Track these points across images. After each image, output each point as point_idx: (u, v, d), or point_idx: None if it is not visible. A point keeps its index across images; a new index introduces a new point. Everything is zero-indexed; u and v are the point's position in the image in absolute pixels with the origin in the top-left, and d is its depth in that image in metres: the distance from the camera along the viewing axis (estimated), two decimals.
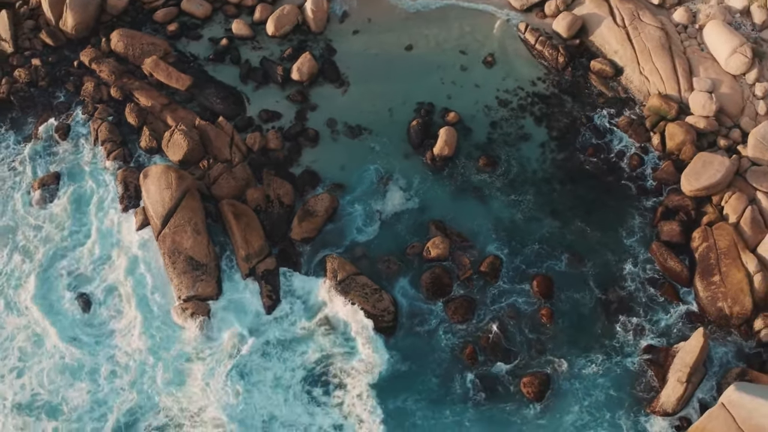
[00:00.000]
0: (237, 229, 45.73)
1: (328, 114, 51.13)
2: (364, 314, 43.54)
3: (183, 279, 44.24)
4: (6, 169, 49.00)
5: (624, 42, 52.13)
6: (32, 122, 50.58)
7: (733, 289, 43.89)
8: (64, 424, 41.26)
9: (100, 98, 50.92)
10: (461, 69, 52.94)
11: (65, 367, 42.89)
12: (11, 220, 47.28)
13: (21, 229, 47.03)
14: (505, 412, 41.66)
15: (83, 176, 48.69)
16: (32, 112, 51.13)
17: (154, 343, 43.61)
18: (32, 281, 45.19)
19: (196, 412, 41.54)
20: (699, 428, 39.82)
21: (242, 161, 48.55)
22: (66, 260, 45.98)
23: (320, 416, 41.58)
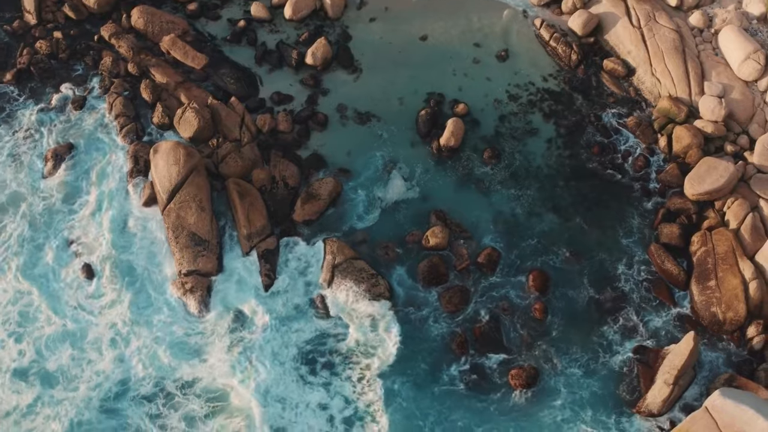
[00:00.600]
0: (240, 208, 46.14)
1: (338, 99, 51.28)
2: (357, 298, 44.03)
3: (185, 253, 44.81)
4: (21, 138, 49.72)
5: (638, 43, 51.69)
6: (50, 93, 51.23)
7: (728, 295, 43.51)
8: (59, 391, 41.94)
9: (117, 73, 51.56)
10: (474, 61, 52.81)
11: (65, 335, 43.57)
12: (22, 188, 47.91)
13: (31, 197, 47.67)
14: (490, 402, 41.68)
15: (95, 148, 49.32)
16: (51, 83, 51.77)
17: (152, 316, 44.11)
18: (38, 249, 45.86)
19: (187, 384, 42.04)
20: (682, 431, 39.49)
21: (251, 141, 48.95)
22: (72, 230, 46.66)
23: (309, 393, 41.85)
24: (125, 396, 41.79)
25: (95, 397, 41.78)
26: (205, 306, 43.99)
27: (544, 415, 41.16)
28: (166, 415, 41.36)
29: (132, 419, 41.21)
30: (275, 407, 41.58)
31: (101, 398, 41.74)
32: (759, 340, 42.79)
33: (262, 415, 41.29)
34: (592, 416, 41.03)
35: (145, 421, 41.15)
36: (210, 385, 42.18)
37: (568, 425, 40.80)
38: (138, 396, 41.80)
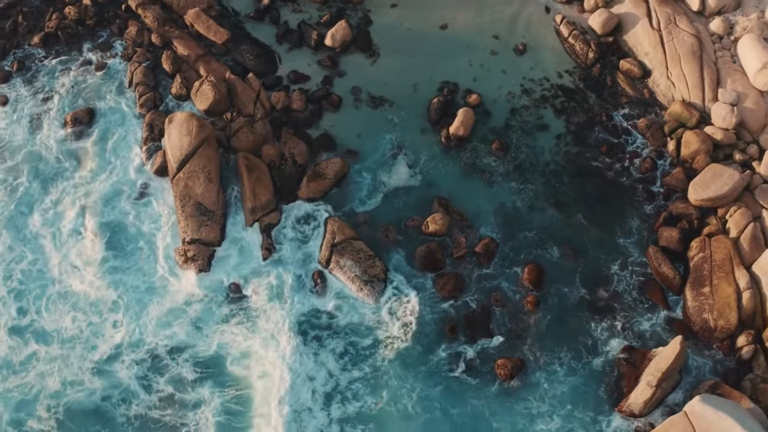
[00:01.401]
0: (247, 182, 46.57)
1: (354, 82, 51.36)
2: (351, 278, 44.41)
3: (189, 222, 45.36)
4: (42, 99, 50.59)
5: (656, 45, 50.95)
6: (74, 58, 52.00)
7: (721, 303, 42.90)
8: (54, 349, 42.89)
9: (141, 42, 52.19)
10: (491, 53, 52.48)
11: (66, 295, 44.46)
12: (38, 149, 48.85)
13: (45, 158, 48.61)
14: (472, 387, 41.72)
15: (114, 115, 50.01)
16: (76, 48, 52.54)
17: (154, 282, 44.88)
18: (49, 209, 46.82)
19: (178, 350, 42.82)
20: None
21: (264, 118, 49.26)
22: (83, 194, 47.39)
23: (298, 365, 42.18)
24: (118, 359, 42.58)
25: (89, 358, 42.60)
26: (205, 274, 44.63)
27: (520, 406, 41.12)
28: (156, 379, 42.04)
29: (122, 381, 41.95)
30: (265, 377, 42.16)
31: (95, 360, 42.55)
32: (748, 350, 42.19)
33: (253, 383, 42.10)
34: (570, 412, 40.83)
35: (134, 384, 41.87)
36: (203, 352, 42.74)
37: (542, 418, 40.64)
38: (130, 359, 42.54)
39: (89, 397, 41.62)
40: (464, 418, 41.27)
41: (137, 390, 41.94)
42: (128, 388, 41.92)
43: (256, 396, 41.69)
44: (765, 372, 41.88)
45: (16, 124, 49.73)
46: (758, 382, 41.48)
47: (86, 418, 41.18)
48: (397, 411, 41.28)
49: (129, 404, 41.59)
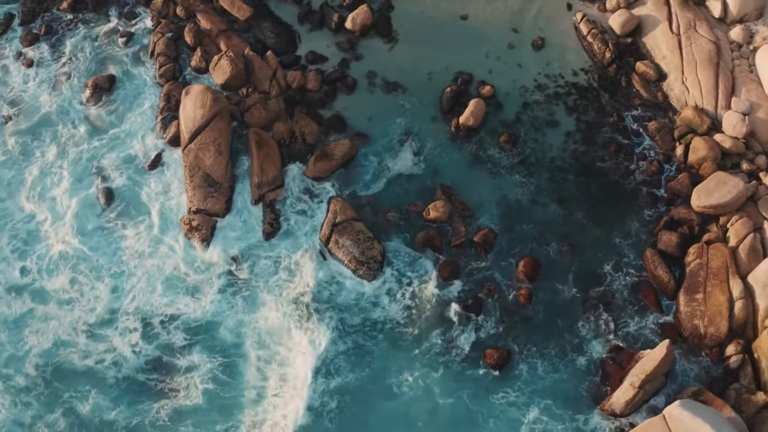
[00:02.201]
0: (256, 157, 46.97)
1: (370, 66, 51.33)
2: (349, 258, 44.69)
3: (196, 192, 45.95)
4: (65, 63, 51.47)
5: (674, 49, 50.12)
6: (101, 25, 52.82)
7: (713, 311, 42.38)
8: (51, 309, 43.87)
9: (166, 14, 52.69)
10: (509, 46, 52.02)
11: (69, 257, 45.35)
12: (58, 112, 49.74)
13: (64, 122, 49.52)
14: (458, 373, 41.99)
15: (134, 83, 50.85)
16: (103, 15, 53.26)
17: (157, 249, 45.62)
18: (61, 172, 47.76)
19: (175, 318, 43.57)
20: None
21: (278, 95, 49.56)
22: (98, 158, 48.25)
23: (289, 338, 42.87)
24: (113, 323, 43.44)
25: (85, 320, 43.52)
26: (207, 245, 45.23)
27: (500, 395, 41.31)
28: (149, 345, 42.84)
29: (115, 345, 42.84)
30: (257, 345, 42.82)
31: (90, 323, 43.48)
32: (736, 359, 41.66)
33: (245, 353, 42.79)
34: (549, 405, 40.97)
35: (127, 349, 42.71)
36: (200, 320, 43.50)
37: (519, 408, 40.83)
38: (126, 325, 43.37)
39: (82, 359, 42.50)
40: (444, 398, 41.54)
41: (129, 355, 42.74)
42: (121, 353, 42.74)
43: (249, 365, 42.28)
44: (751, 382, 41.40)
45: (39, 86, 50.71)
46: (743, 392, 41.01)
47: (76, 379, 42.09)
48: (379, 388, 41.74)
49: (120, 368, 42.41)
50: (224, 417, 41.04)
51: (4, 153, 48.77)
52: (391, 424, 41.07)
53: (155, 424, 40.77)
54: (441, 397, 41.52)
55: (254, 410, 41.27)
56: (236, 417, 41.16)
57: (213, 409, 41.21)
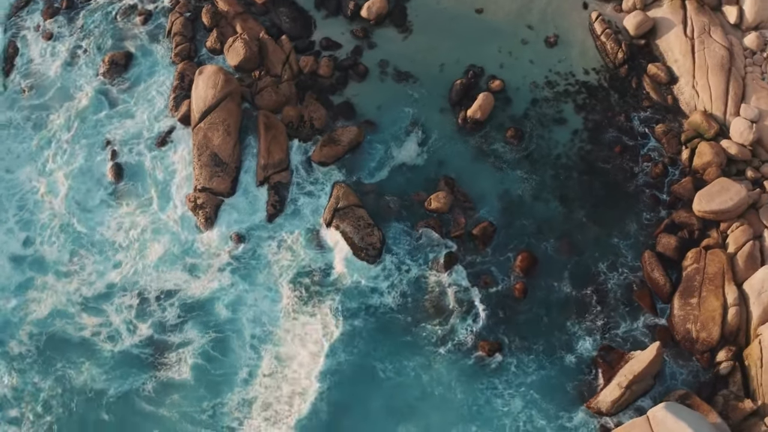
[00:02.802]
0: (264, 139, 47.22)
1: (383, 55, 51.25)
2: (348, 243, 44.88)
3: (203, 171, 46.29)
4: (83, 38, 51.90)
5: (686, 53, 49.44)
6: (121, 1, 53.00)
7: (706, 316, 41.99)
8: (50, 279, 44.56)
9: None
10: (522, 42, 51.59)
11: (74, 230, 46.02)
12: (72, 85, 50.50)
13: (78, 95, 50.13)
14: (448, 361, 42.20)
15: (149, 60, 51.36)
16: None
17: (161, 225, 46.11)
18: (74, 145, 48.27)
19: (172, 293, 44.05)
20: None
21: (290, 80, 49.63)
22: (110, 133, 48.76)
23: (284, 318, 43.29)
24: (110, 298, 44.05)
25: (82, 293, 44.18)
26: (210, 223, 45.54)
27: (487, 385, 41.44)
28: (145, 319, 43.44)
29: (111, 320, 43.42)
30: (253, 324, 43.21)
31: (86, 296, 44.12)
32: (726, 366, 41.24)
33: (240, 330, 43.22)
34: (535, 399, 41.01)
35: (121, 324, 43.27)
36: (198, 296, 43.96)
37: (503, 399, 40.98)
38: (121, 300, 43.96)
39: (77, 331, 43.15)
40: (433, 385, 41.77)
41: (124, 330, 43.28)
42: (116, 328, 43.31)
43: (243, 343, 42.67)
44: (740, 389, 41.01)
45: (56, 59, 51.27)
46: (731, 398, 40.66)
47: (69, 349, 42.74)
48: (371, 372, 42.02)
49: (115, 342, 42.99)
50: (212, 393, 41.46)
51: (17, 125, 49.37)
52: (379, 407, 41.25)
53: (142, 394, 41.25)
54: (429, 384, 41.74)
55: (245, 389, 41.65)
56: (225, 394, 41.55)
57: (201, 385, 41.64)
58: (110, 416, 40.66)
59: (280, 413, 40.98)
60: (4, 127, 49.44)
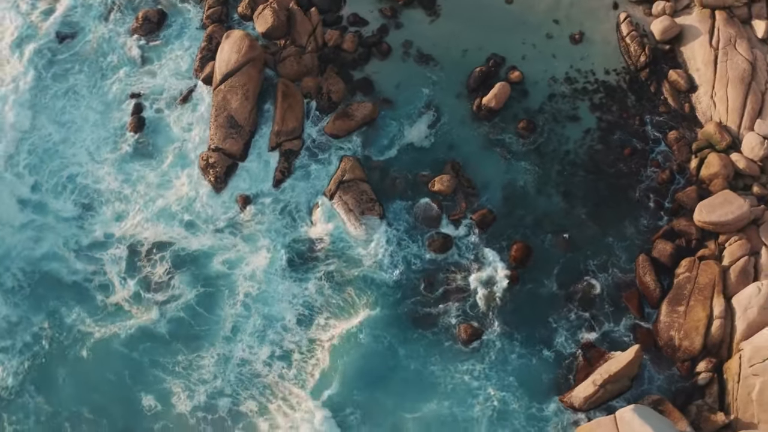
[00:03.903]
0: (280, 107, 47.49)
1: (407, 35, 50.77)
2: (348, 215, 45.07)
3: (218, 131, 46.73)
4: None
5: (709, 63, 48.12)
6: None
7: (690, 325, 41.26)
8: (50, 221, 45.33)
9: None
10: (547, 36, 50.69)
11: (83, 178, 46.62)
12: (103, 38, 50.85)
13: (108, 48, 50.64)
14: (428, 340, 42.25)
15: (181, 20, 51.47)
16: None
17: (171, 181, 46.62)
18: (92, 98, 48.91)
19: (164, 246, 44.71)
20: (586, 429, 38.81)
21: (314, 51, 49.59)
22: (136, 86, 49.31)
23: (280, 283, 43.63)
24: (106, 247, 44.76)
25: (79, 239, 44.98)
26: (219, 183, 45.96)
27: (465, 367, 41.47)
28: (141, 272, 44.16)
29: (105, 269, 44.20)
30: (248, 283, 43.67)
31: (83, 244, 44.90)
32: (705, 376, 40.54)
33: (231, 288, 43.78)
34: (510, 387, 40.87)
35: (113, 273, 44.01)
36: (196, 251, 44.51)
37: (480, 382, 40.92)
38: (116, 249, 44.68)
39: (71, 275, 43.98)
40: (410, 359, 42.02)
41: (116, 278, 44.03)
42: (108, 277, 44.07)
43: (234, 301, 43.21)
44: (715, 402, 40.31)
45: (87, 12, 51.70)
46: (705, 409, 40.00)
47: (62, 290, 43.64)
48: (353, 341, 42.28)
49: (106, 290, 43.80)
50: (189, 349, 42.19)
51: (41, 75, 49.82)
52: (354, 373, 41.57)
53: (122, 338, 42.22)
54: (406, 357, 41.95)
55: (228, 347, 42.20)
56: (205, 349, 42.20)
57: (178, 339, 42.35)
58: (89, 354, 41.57)
59: (257, 372, 41.54)
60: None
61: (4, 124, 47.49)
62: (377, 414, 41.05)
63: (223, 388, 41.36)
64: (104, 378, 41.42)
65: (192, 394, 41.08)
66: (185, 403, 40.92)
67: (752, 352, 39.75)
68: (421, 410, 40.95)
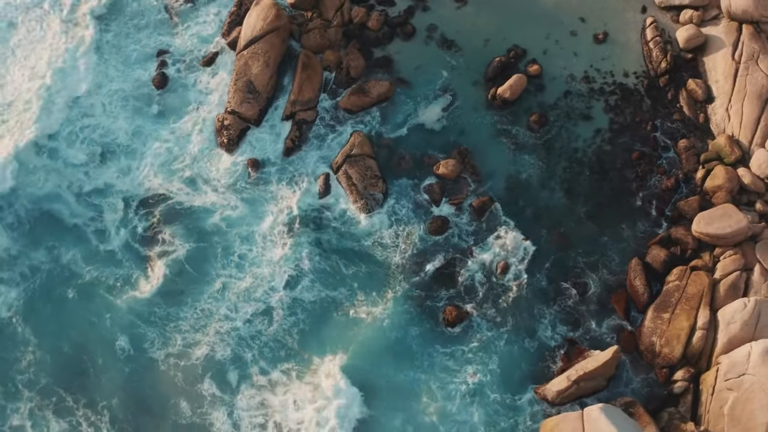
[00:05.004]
0: (299, 77, 47.62)
1: (433, 19, 50.36)
2: (351, 189, 45.20)
3: (236, 95, 47.13)
4: None
5: (729, 76, 46.89)
6: None
7: (672, 333, 40.63)
8: (57, 165, 46.08)
9: None
10: (571, 33, 49.82)
11: (99, 125, 47.30)
12: None
13: (141, 8, 51.36)
14: (413, 318, 42.33)
15: None
16: None
17: (181, 138, 47.07)
18: (121, 48, 49.80)
19: (164, 199, 45.36)
20: (552, 423, 38.48)
21: (339, 26, 49.53)
22: (164, 44, 49.89)
23: (272, 248, 43.96)
24: (106, 196, 45.50)
25: (82, 184, 45.76)
26: (231, 144, 46.39)
27: (448, 350, 41.57)
28: (138, 222, 44.90)
29: (102, 216, 44.98)
30: (242, 244, 44.25)
31: (84, 189, 45.67)
32: (681, 385, 39.98)
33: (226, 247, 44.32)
34: (489, 372, 40.86)
35: (110, 222, 44.82)
36: (193, 209, 45.06)
37: (459, 363, 41.06)
38: (116, 200, 45.42)
39: (71, 217, 44.94)
40: (392, 331, 42.05)
41: (111, 228, 44.75)
42: (106, 225, 44.86)
43: (228, 260, 43.73)
44: (687, 411, 39.75)
45: None
46: (676, 417, 39.51)
47: (61, 230, 44.56)
48: (339, 310, 42.66)
49: (102, 236, 44.58)
50: (169, 302, 42.88)
51: (71, 30, 50.52)
52: (336, 340, 42.00)
53: (107, 284, 43.17)
54: (389, 329, 42.05)
55: (214, 303, 42.74)
56: (188, 304, 42.84)
57: (165, 292, 43.03)
58: (76, 295, 42.63)
59: (237, 329, 42.19)
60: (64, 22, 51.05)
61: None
62: (350, 373, 41.21)
63: (200, 341, 42.01)
64: (86, 318, 42.52)
65: (166, 342, 41.93)
66: (159, 350, 41.81)
67: (729, 367, 39.04)
68: (396, 378, 41.16)
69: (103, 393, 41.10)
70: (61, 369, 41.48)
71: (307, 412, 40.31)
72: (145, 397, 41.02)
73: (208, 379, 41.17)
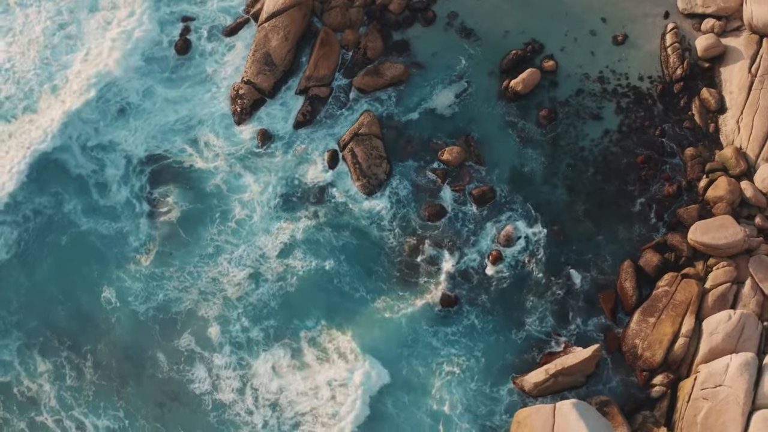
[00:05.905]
0: (316, 53, 47.78)
1: (455, 7, 49.96)
2: (355, 167, 45.28)
3: (253, 66, 47.44)
4: None
5: (743, 88, 45.84)
6: None
7: (655, 337, 40.29)
8: (67, 118, 46.78)
9: None
10: (590, 33, 48.97)
11: (109, 83, 47.94)
12: None
13: None
14: (403, 297, 42.76)
15: None
16: None
17: (195, 103, 47.73)
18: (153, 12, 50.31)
19: (166, 160, 46.06)
20: (524, 414, 38.67)
21: (361, 7, 49.49)
22: (186, 13, 50.30)
23: (274, 222, 44.57)
24: (109, 152, 46.35)
25: (90, 138, 46.66)
26: (244, 114, 46.76)
27: (434, 329, 41.99)
28: (132, 178, 45.72)
29: (105, 170, 45.83)
30: (241, 209, 44.84)
31: (90, 144, 46.55)
32: (659, 390, 39.74)
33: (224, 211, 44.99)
34: (470, 358, 41.26)
35: (111, 176, 45.63)
36: (196, 173, 45.85)
37: (442, 343, 41.54)
38: (117, 156, 46.24)
39: (75, 168, 45.91)
40: (381, 307, 42.69)
41: (112, 183, 45.51)
42: (105, 177, 45.68)
43: (224, 224, 44.54)
44: (662, 416, 39.52)
45: None
46: (650, 421, 39.36)
47: (65, 180, 45.56)
48: (331, 282, 43.17)
49: (103, 190, 45.44)
50: (160, 262, 43.79)
51: None
52: (322, 306, 42.73)
53: (98, 233, 44.26)
54: (379, 306, 42.62)
55: (204, 264, 43.60)
56: (180, 263, 43.76)
57: (160, 248, 44.09)
58: (70, 243, 44.04)
59: (222, 288, 43.02)
60: None
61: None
62: (335, 339, 42.00)
63: (181, 297, 42.97)
64: (77, 268, 43.73)
65: (149, 297, 42.94)
66: (141, 304, 42.87)
67: (706, 376, 38.62)
68: (378, 349, 41.71)
69: (87, 338, 42.55)
70: (49, 312, 42.79)
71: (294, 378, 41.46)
72: (127, 347, 42.30)
73: (188, 335, 42.39)
